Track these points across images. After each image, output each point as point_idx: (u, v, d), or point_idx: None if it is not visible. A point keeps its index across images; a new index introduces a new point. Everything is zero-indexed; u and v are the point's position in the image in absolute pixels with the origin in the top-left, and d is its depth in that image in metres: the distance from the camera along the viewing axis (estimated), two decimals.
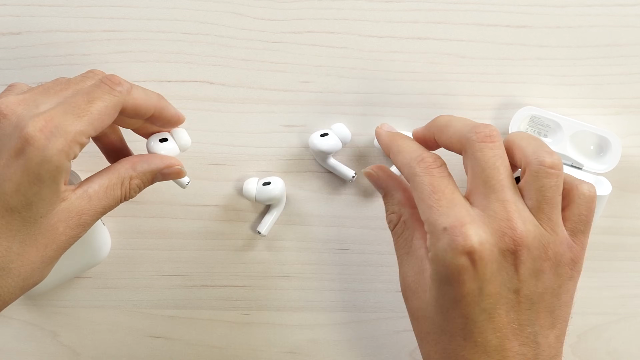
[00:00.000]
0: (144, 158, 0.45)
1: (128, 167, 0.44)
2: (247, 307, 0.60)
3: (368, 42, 0.57)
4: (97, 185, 0.43)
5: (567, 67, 0.58)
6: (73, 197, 0.42)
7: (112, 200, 0.44)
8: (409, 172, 0.43)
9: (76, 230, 0.42)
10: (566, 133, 0.57)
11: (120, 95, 0.42)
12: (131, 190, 0.45)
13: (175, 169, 0.46)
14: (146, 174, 0.45)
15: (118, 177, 0.44)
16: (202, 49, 0.57)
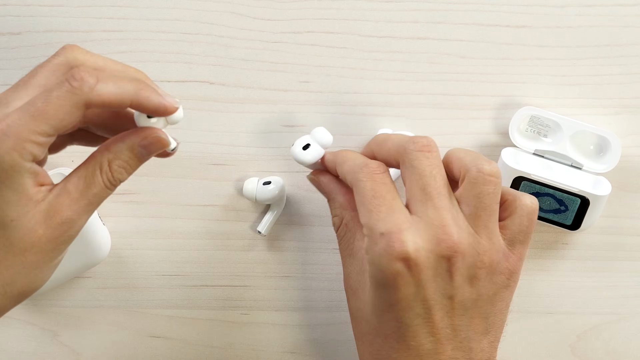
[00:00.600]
0: (119, 136, 0.42)
1: (102, 149, 0.42)
2: (247, 307, 0.60)
3: (368, 42, 0.58)
4: (75, 178, 0.41)
5: (567, 67, 0.58)
6: (51, 197, 0.40)
7: (94, 188, 0.41)
8: (353, 177, 0.44)
9: (60, 229, 0.40)
10: (566, 133, 0.57)
11: (81, 93, 0.39)
12: (113, 172, 0.42)
13: (153, 138, 0.41)
14: (123, 151, 0.42)
15: (95, 163, 0.42)
16: (202, 49, 0.57)
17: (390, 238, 0.41)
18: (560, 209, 0.56)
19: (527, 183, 0.56)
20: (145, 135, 0.42)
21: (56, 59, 0.42)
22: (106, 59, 0.43)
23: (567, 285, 0.61)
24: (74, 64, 0.42)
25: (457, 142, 0.59)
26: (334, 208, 0.48)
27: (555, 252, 0.60)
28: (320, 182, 0.49)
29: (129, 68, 0.44)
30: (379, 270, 0.41)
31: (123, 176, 0.42)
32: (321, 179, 0.49)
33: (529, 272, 0.61)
